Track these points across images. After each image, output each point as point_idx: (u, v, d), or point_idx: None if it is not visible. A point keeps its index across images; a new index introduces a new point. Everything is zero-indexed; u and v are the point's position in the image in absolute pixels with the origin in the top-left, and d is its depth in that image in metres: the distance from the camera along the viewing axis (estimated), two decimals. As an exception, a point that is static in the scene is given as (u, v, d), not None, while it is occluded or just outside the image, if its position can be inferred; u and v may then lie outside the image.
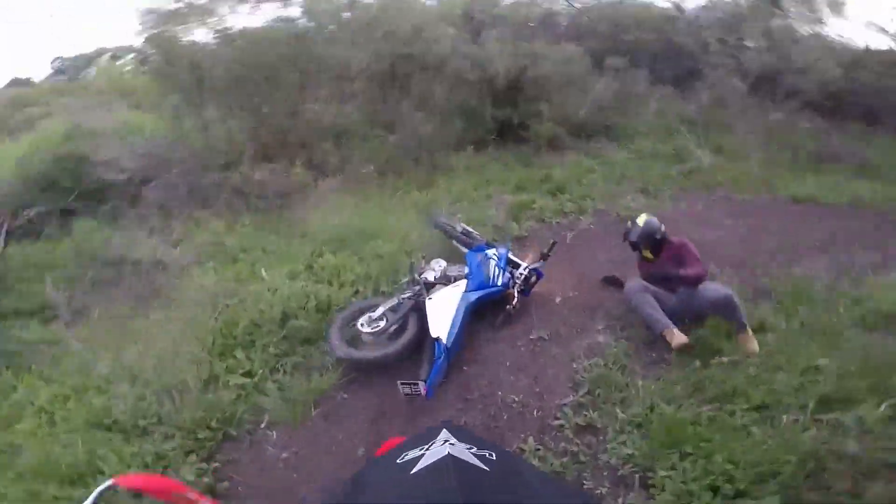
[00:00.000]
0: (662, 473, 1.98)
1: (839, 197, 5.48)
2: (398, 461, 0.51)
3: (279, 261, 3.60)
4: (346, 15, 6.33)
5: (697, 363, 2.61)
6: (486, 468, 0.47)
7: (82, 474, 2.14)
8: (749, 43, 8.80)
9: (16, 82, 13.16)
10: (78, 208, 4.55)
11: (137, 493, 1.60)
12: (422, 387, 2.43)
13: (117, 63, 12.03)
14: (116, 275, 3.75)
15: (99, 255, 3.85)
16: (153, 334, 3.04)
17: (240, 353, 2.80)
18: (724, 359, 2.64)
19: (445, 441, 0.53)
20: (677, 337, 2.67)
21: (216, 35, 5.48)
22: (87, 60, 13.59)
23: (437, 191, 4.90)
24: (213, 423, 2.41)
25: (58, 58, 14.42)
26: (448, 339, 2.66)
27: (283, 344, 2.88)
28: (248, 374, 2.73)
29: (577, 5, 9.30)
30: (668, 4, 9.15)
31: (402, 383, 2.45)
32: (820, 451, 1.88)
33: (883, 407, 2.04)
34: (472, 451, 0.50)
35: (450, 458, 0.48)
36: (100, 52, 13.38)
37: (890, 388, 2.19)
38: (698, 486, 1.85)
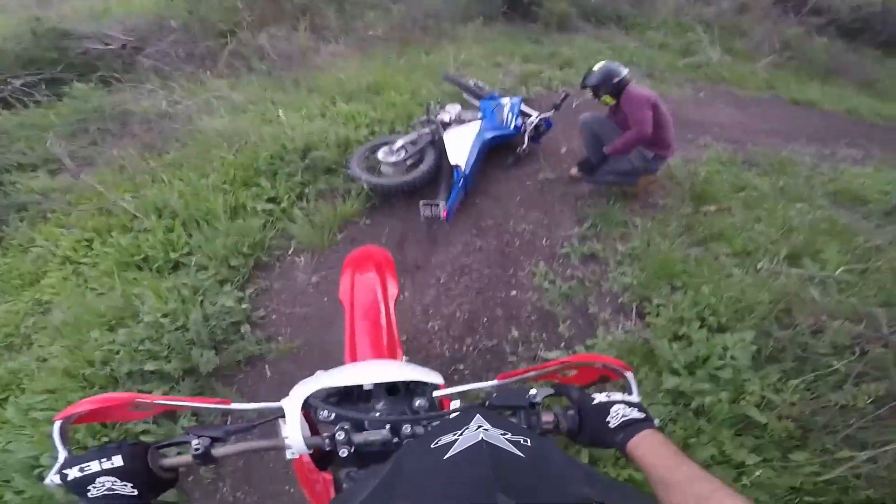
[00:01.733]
0: (657, 302, 2.23)
1: (837, 105, 5.63)
2: (432, 446, 0.50)
3: (292, 110, 3.55)
4: None
5: (689, 209, 2.84)
6: (520, 454, 0.46)
7: (121, 317, 2.09)
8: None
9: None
10: (66, 78, 4.28)
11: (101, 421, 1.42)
12: (441, 207, 2.58)
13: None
14: (121, 127, 3.66)
15: (99, 111, 3.70)
16: (171, 172, 2.98)
17: (263, 182, 2.86)
18: (712, 207, 2.89)
19: (479, 427, 0.51)
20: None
21: None
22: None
23: (444, 55, 4.75)
24: (245, 249, 2.44)
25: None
26: (466, 167, 2.79)
27: (306, 174, 2.93)
28: (274, 200, 2.80)
29: None
30: None
31: (424, 203, 2.58)
32: (789, 294, 2.13)
33: (841, 269, 2.33)
34: (506, 436, 0.49)
35: (484, 444, 0.47)
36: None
37: (850, 249, 2.50)
38: (688, 316, 2.07)
